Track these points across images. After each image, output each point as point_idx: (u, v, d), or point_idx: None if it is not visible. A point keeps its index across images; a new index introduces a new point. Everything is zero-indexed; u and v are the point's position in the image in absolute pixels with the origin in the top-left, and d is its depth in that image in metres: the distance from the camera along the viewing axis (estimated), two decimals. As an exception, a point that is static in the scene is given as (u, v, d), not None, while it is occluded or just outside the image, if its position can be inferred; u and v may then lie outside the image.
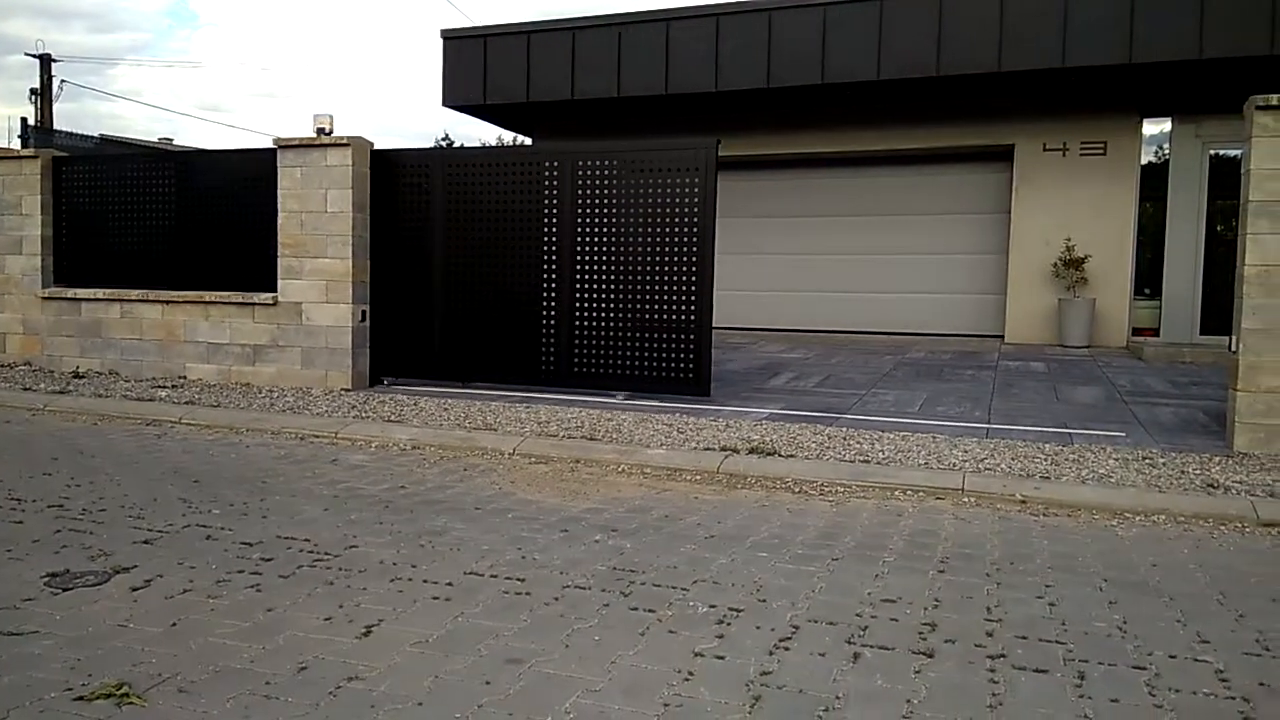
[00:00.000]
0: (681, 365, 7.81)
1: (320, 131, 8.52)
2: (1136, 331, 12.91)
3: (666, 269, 7.75)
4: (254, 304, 8.76)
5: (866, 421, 7.11)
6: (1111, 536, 4.51)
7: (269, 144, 8.74)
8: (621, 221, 7.87)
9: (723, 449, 6.09)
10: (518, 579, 3.73)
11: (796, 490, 5.36)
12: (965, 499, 5.15)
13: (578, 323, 8.06)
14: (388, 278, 8.62)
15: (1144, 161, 13.08)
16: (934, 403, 7.99)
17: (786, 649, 3.08)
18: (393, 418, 7.17)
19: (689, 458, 5.92)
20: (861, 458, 5.90)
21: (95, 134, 23.09)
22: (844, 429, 6.78)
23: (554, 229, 8.06)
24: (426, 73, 75.60)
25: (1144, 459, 5.89)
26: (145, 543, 4.14)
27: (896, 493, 5.28)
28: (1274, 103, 6.01)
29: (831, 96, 13.01)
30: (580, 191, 7.98)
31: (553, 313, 8.12)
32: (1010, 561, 4.07)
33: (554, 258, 8.08)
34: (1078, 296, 12.64)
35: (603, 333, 8.00)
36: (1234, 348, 6.28)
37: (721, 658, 3.00)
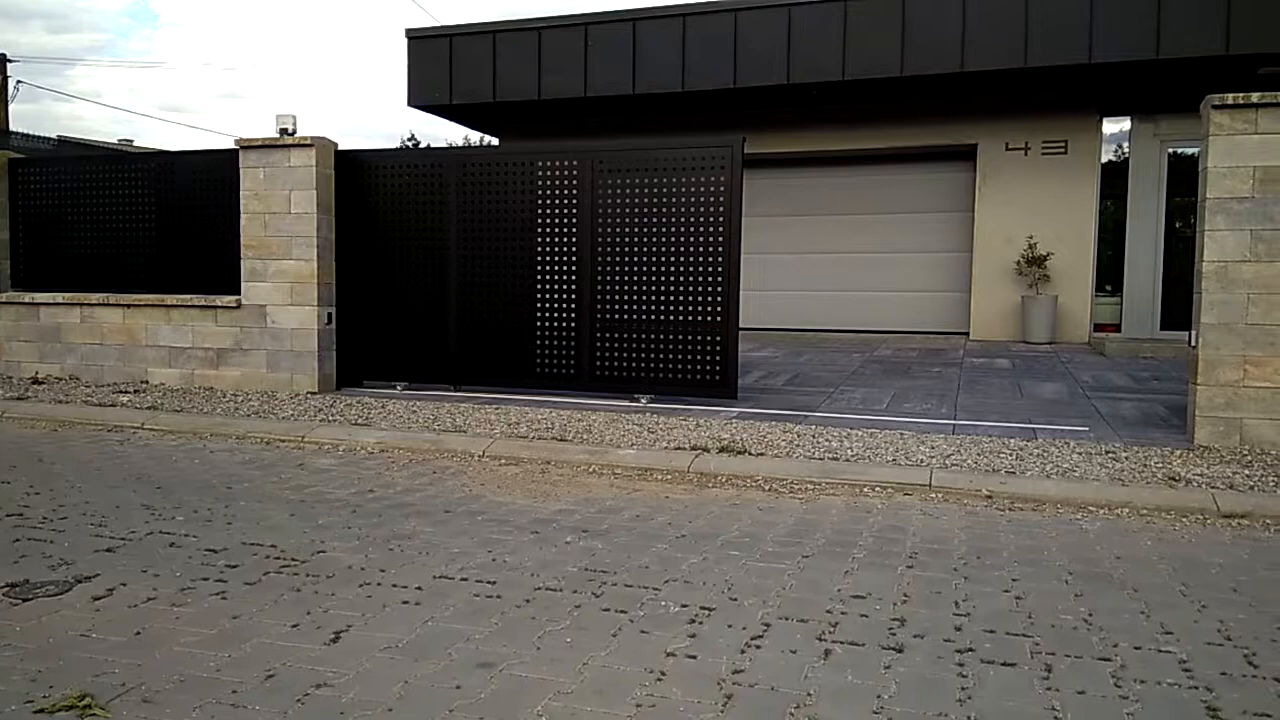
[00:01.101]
0: (707, 367, 7.63)
1: (283, 132, 8.42)
2: (1098, 327, 13.11)
3: (691, 269, 7.58)
4: (217, 307, 8.64)
5: (835, 419, 7.16)
6: (1076, 530, 4.57)
7: (232, 145, 8.62)
8: (643, 221, 7.69)
9: (693, 448, 6.10)
10: (488, 582, 3.71)
11: (767, 488, 5.38)
12: (933, 495, 5.20)
13: (599, 324, 7.85)
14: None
15: (1104, 160, 13.28)
16: (901, 400, 8.06)
17: (758, 647, 3.09)
18: (360, 421, 7.11)
19: (660, 457, 5.93)
20: (831, 455, 5.93)
21: (53, 135, 22.67)
22: (813, 427, 6.82)
23: (573, 228, 7.86)
24: (392, 73, 75.07)
25: (1107, 453, 5.98)
26: (107, 551, 4.07)
27: (865, 489, 5.32)
28: (1230, 102, 6.13)
29: (798, 97, 13.07)
30: (601, 191, 7.77)
31: (572, 314, 7.91)
32: (977, 556, 4.11)
33: (573, 257, 7.87)
34: (1040, 294, 12.81)
35: (625, 334, 7.80)
36: (1193, 343, 6.40)
37: (694, 657, 3.00)
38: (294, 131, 8.44)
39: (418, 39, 14.21)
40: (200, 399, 8.08)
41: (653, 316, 7.73)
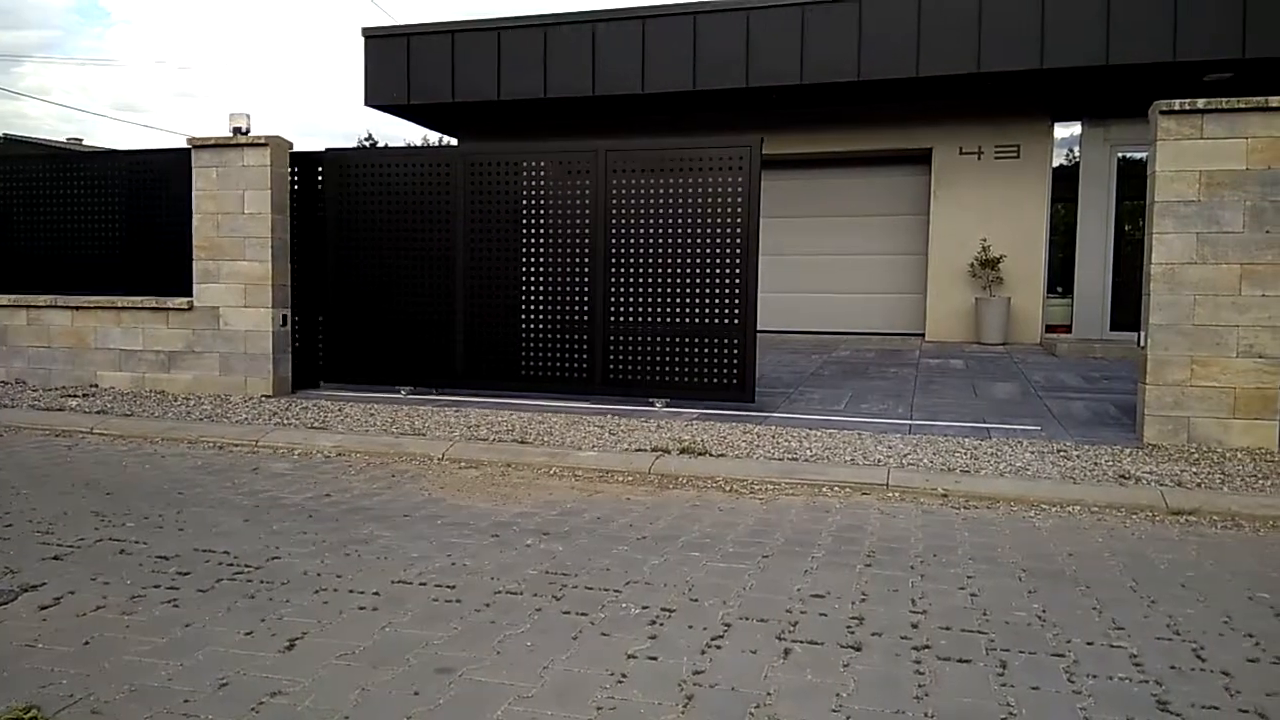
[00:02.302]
0: (725, 371, 7.48)
1: (237, 131, 8.30)
2: (1050, 328, 13.35)
3: (708, 271, 7.45)
4: (169, 309, 8.48)
5: (795, 420, 7.21)
6: (1029, 527, 4.65)
7: (184, 144, 8.47)
8: (658, 221, 7.55)
9: (654, 450, 6.11)
10: (448, 586, 3.67)
11: (727, 489, 5.40)
12: (890, 494, 5.26)
13: (612, 326, 7.69)
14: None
15: (1055, 164, 13.53)
16: (859, 400, 8.14)
17: (718, 647, 3.09)
18: (316, 424, 7.01)
19: (621, 459, 5.92)
20: (790, 456, 5.97)
21: (-3, 133, 22.10)
22: (773, 427, 6.86)
23: (586, 228, 7.71)
24: (349, 72, 74.21)
25: (1059, 452, 6.09)
26: (55, 559, 3.97)
27: (824, 489, 5.36)
28: (1177, 107, 6.27)
29: (756, 100, 13.15)
30: (614, 191, 7.62)
31: (585, 317, 7.75)
32: (933, 554, 4.16)
33: (585, 259, 7.72)
34: (994, 295, 13.01)
35: (639, 338, 7.64)
36: (1142, 343, 6.54)
37: (654, 658, 3.00)
38: (248, 131, 8.32)
39: (375, 38, 14.07)
40: (151, 403, 7.93)
41: (668, 319, 7.57)
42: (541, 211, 7.90)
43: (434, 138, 32.70)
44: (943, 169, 13.47)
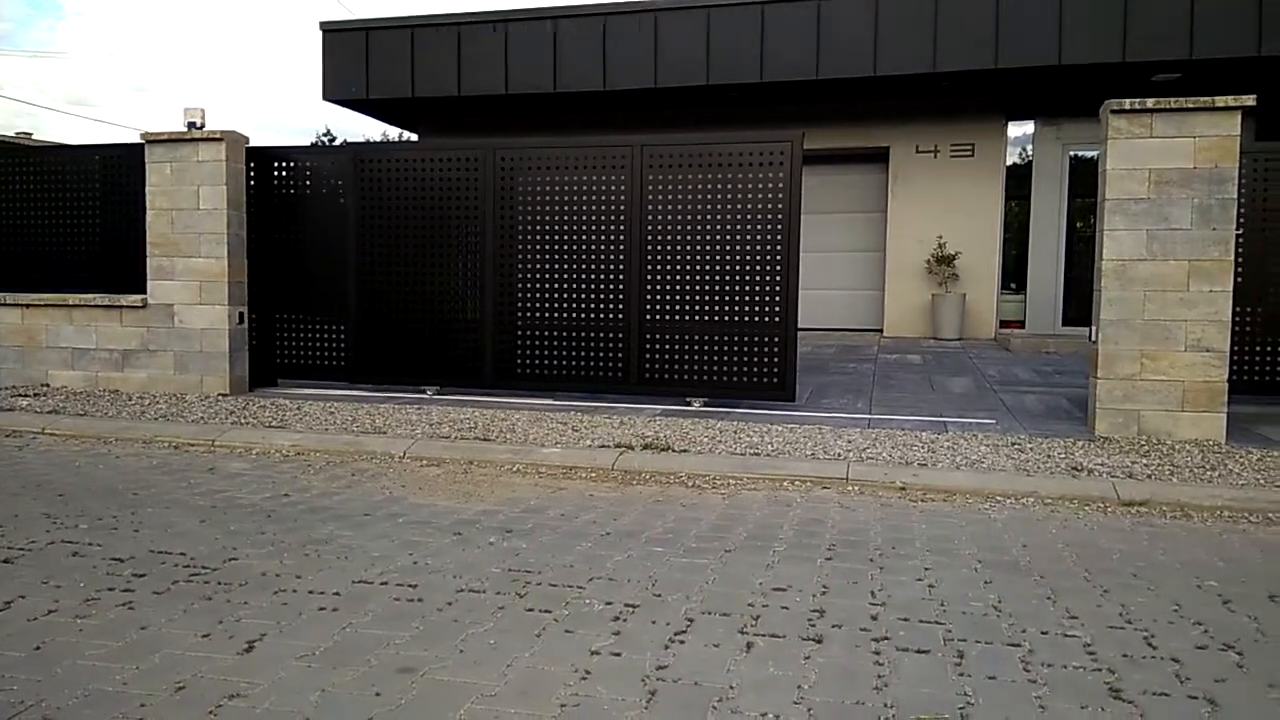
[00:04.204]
0: (765, 369, 7.42)
1: (191, 125, 8.16)
2: (1004, 324, 13.57)
3: (747, 267, 7.38)
4: (122, 306, 8.32)
5: (756, 415, 7.25)
6: (985, 519, 4.73)
7: (138, 139, 8.31)
8: (696, 217, 7.47)
9: (617, 446, 6.11)
10: (409, 585, 3.65)
11: (690, 484, 5.43)
12: (850, 488, 5.32)
13: (649, 325, 7.60)
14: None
15: (1009, 162, 13.75)
16: (819, 395, 8.21)
17: (682, 642, 3.11)
18: (275, 423, 6.93)
19: (584, 456, 5.92)
20: (752, 450, 6.01)
21: (-61, 126, 21.49)
22: (735, 423, 6.90)
23: (621, 224, 7.60)
24: (307, 67, 73.21)
25: (1013, 444, 6.19)
26: (5, 562, 3.88)
27: (785, 483, 5.40)
28: (1127, 107, 6.41)
29: (717, 97, 13.19)
30: (650, 187, 7.52)
31: (620, 314, 7.64)
32: (892, 546, 4.22)
33: (620, 255, 7.62)
34: (949, 292, 13.19)
35: (677, 336, 7.55)
36: (1094, 338, 6.67)
37: (618, 654, 3.01)
38: (203, 125, 8.19)
39: (333, 32, 13.90)
40: (105, 402, 7.77)
41: (705, 317, 7.49)
42: (575, 207, 7.76)
43: (394, 133, 32.34)
44: (900, 167, 13.63)
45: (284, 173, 8.37)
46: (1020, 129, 13.87)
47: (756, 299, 7.40)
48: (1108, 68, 11.31)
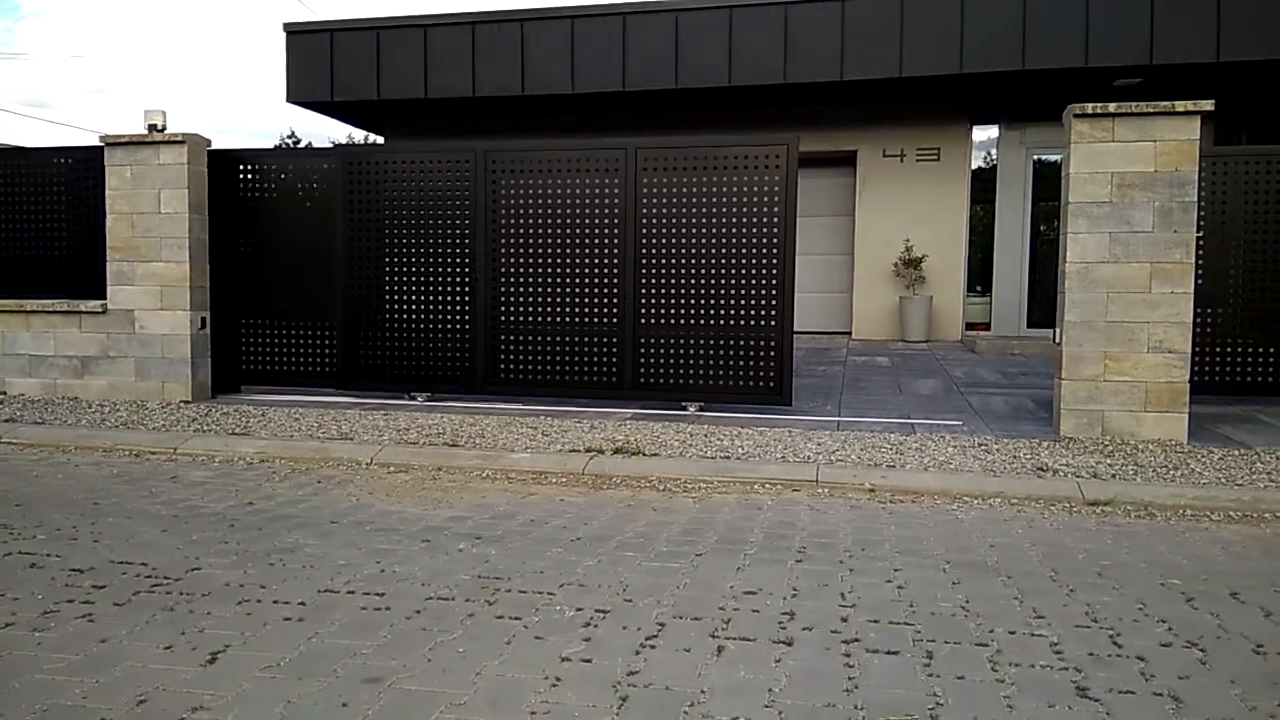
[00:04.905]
0: (761, 373, 7.37)
1: (152, 128, 8.04)
2: (970, 326, 13.72)
3: (742, 270, 7.34)
4: (81, 312, 8.17)
5: (726, 419, 7.26)
6: (953, 520, 4.76)
7: (97, 142, 8.17)
8: (691, 221, 7.43)
9: (588, 450, 6.09)
10: (376, 594, 3.61)
11: (661, 488, 5.42)
12: (819, 490, 5.34)
13: (643, 328, 7.54)
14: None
15: (974, 166, 13.90)
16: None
17: (653, 647, 3.10)
18: (238, 430, 6.83)
19: (554, 460, 5.89)
20: (723, 454, 6.02)
21: (-109, 128, 21.00)
22: (706, 426, 6.90)
23: (615, 227, 7.56)
24: (270, 68, 72.37)
25: (980, 445, 6.25)
26: (-43, 575, 3.79)
27: (756, 487, 5.41)
28: (1089, 111, 6.50)
29: (686, 101, 13.22)
30: (644, 190, 7.48)
31: (614, 319, 7.59)
32: (861, 548, 4.23)
33: (614, 259, 7.56)
34: (917, 294, 13.31)
35: (672, 340, 7.50)
36: (1058, 339, 6.75)
37: (589, 661, 2.99)
38: (164, 128, 8.07)
39: (297, 34, 13.76)
40: (64, 410, 7.62)
41: (701, 321, 7.44)
42: (568, 210, 7.69)
43: (359, 135, 32.07)
44: (867, 171, 13.73)
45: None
46: (985, 133, 14.03)
47: (752, 302, 7.39)
48: (1070, 73, 11.48)
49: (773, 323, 7.37)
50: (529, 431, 6.73)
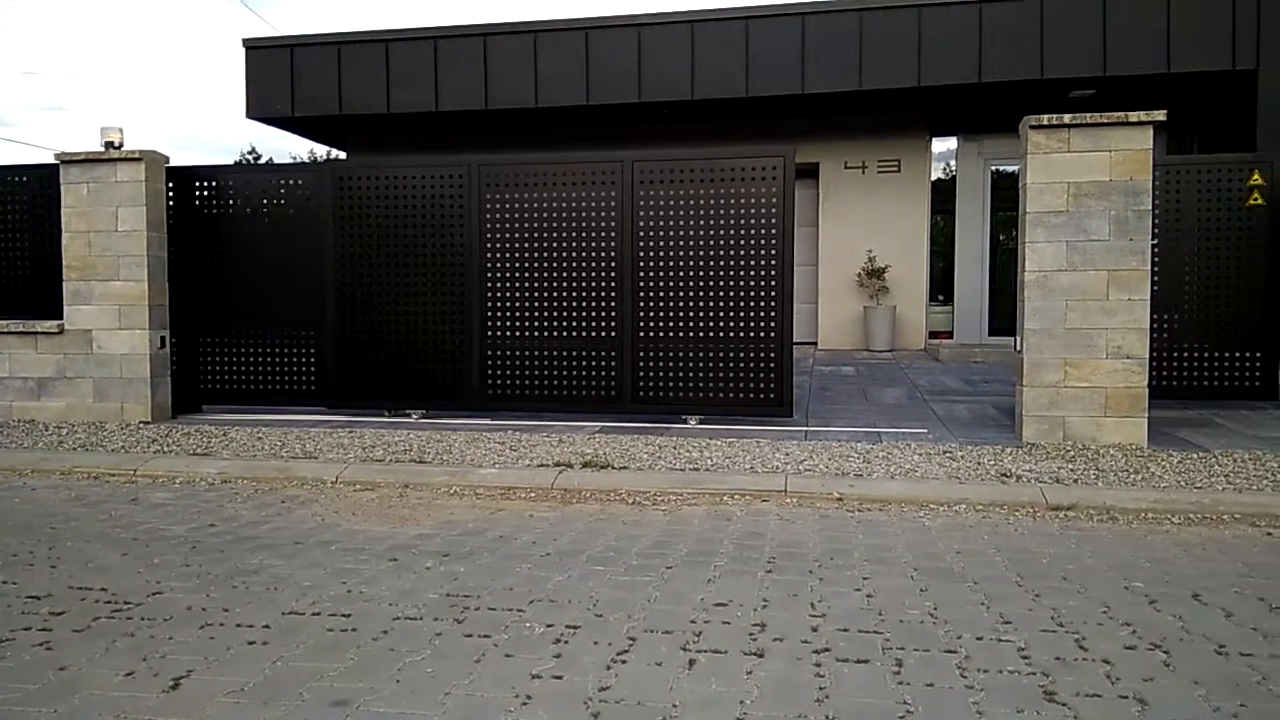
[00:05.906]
0: (761, 385, 7.40)
1: (109, 145, 7.93)
2: (933, 335, 13.89)
3: (740, 282, 7.38)
4: (37, 333, 8.01)
5: (695, 430, 7.27)
6: (920, 527, 4.80)
7: (52, 159, 8.03)
8: (689, 233, 7.45)
9: (556, 465, 6.07)
10: (343, 614, 3.56)
11: (630, 501, 5.41)
12: (788, 500, 5.35)
13: (642, 342, 7.54)
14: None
15: (934, 177, 14.12)
16: (756, 409, 8.26)
17: (624, 662, 3.08)
18: (199, 450, 6.72)
19: (523, 475, 5.86)
20: (692, 466, 6.02)
21: None
22: (674, 438, 6.90)
23: (612, 240, 7.56)
24: (230, 84, 71.59)
25: (944, 453, 6.31)
26: (-92, 605, 3.68)
27: (725, 498, 5.42)
28: (1045, 122, 6.61)
29: (648, 115, 13.28)
30: (641, 203, 7.51)
31: (612, 332, 7.58)
32: (830, 557, 4.25)
33: (612, 272, 7.57)
34: (880, 304, 13.45)
35: (671, 353, 7.51)
36: (1018, 347, 6.84)
37: (560, 677, 2.97)
38: (121, 145, 7.96)
39: (257, 49, 13.65)
40: (20, 433, 7.46)
41: (700, 333, 7.43)
42: (563, 224, 7.67)
43: (321, 151, 31.82)
44: (829, 183, 13.87)
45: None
46: (944, 144, 14.27)
47: (751, 314, 7.42)
48: (1026, 84, 11.69)
49: (772, 334, 7.42)
50: (496, 447, 6.69)
